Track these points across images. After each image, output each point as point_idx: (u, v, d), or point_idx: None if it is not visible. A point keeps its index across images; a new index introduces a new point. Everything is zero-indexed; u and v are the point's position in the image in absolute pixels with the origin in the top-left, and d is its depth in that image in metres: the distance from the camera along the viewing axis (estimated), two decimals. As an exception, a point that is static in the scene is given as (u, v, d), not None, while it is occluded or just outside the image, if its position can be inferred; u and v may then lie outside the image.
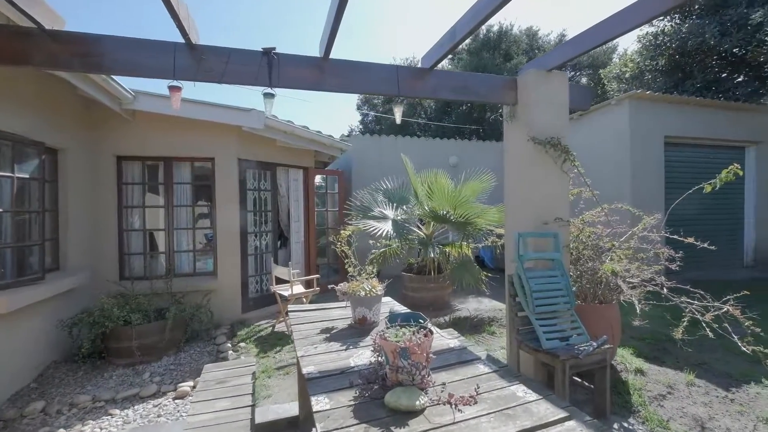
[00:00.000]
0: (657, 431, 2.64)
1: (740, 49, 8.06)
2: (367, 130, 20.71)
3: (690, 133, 7.48)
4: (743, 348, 2.51)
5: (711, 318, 2.76)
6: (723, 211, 8.28)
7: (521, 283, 3.07)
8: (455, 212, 5.66)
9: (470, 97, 3.49)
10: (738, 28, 7.52)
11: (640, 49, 9.49)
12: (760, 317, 3.10)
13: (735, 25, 7.58)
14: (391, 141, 9.63)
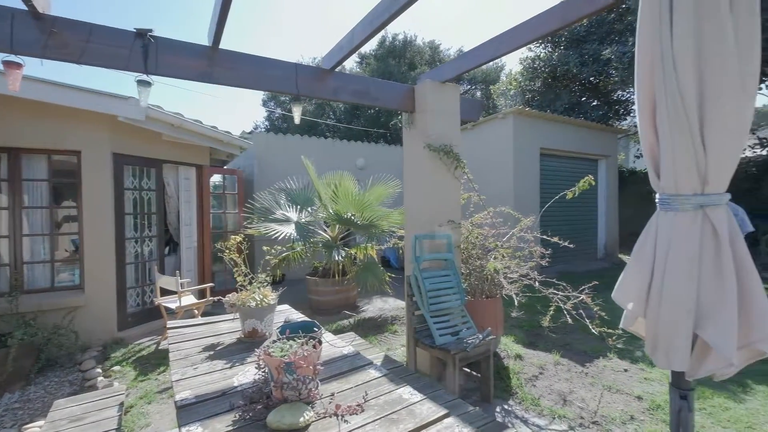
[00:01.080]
0: (530, 408, 2.99)
1: (595, 78, 9.72)
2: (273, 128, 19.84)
3: (559, 146, 8.73)
4: (592, 329, 2.99)
5: (571, 306, 3.24)
6: (583, 213, 9.86)
7: (417, 283, 3.21)
8: (361, 215, 5.71)
9: (371, 101, 3.54)
10: (593, 61, 9.09)
11: (522, 70, 10.88)
12: (605, 303, 3.76)
13: (591, 58, 9.14)
14: (297, 141, 9.35)
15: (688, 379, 1.20)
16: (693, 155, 1.07)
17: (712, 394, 2.96)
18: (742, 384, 3.13)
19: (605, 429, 2.67)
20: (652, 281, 1.20)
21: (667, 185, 1.14)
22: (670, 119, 1.08)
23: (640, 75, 1.18)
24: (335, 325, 5.22)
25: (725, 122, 1.03)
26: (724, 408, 2.76)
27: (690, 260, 1.10)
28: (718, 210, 1.08)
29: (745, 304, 1.07)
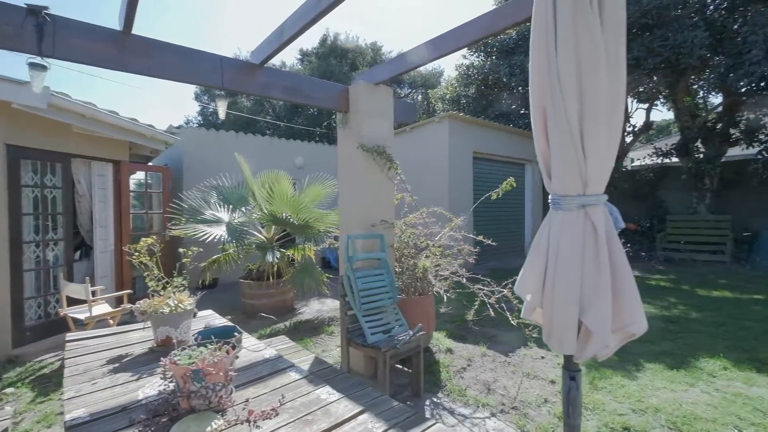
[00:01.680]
0: (457, 399, 3.13)
1: (523, 88, 10.47)
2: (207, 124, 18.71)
3: (491, 150, 9.27)
4: (512, 321, 3.22)
5: (495, 300, 3.46)
6: (512, 214, 10.57)
7: (349, 283, 3.22)
8: (297, 216, 5.58)
9: (303, 99, 3.48)
10: (521, 71, 9.78)
11: (457, 76, 11.41)
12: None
13: (519, 68, 9.84)
14: (232, 137, 8.91)
15: (576, 361, 1.34)
16: (576, 161, 1.19)
17: (612, 374, 3.32)
18: (636, 363, 3.55)
19: (523, 413, 2.88)
20: (547, 274, 1.31)
21: (557, 187, 1.26)
22: (558, 128, 1.19)
23: (533, 84, 1.29)
24: (269, 329, 5.05)
25: (599, 132, 1.17)
26: (620, 386, 3.12)
27: (575, 254, 1.22)
28: (597, 209, 1.22)
29: (618, 292, 1.21)
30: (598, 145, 1.17)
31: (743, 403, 2.77)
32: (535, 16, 1.30)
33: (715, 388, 3.02)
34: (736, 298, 5.66)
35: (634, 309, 1.22)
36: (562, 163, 1.22)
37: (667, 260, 8.97)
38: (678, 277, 7.30)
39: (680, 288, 6.45)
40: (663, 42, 7.38)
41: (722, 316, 4.77)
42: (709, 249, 8.74)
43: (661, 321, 4.70)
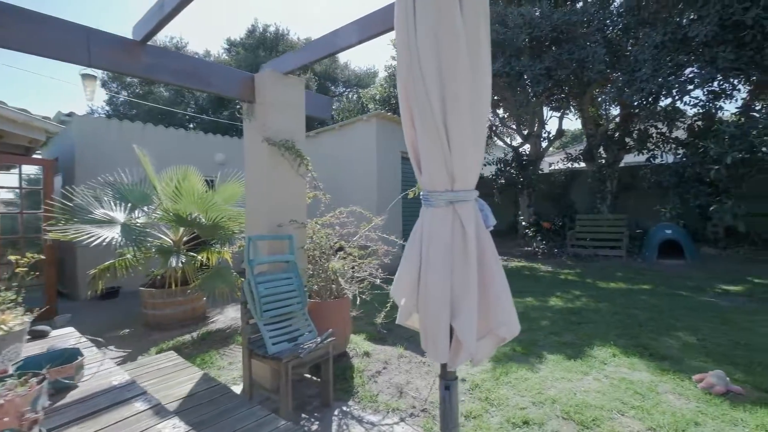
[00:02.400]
0: (368, 406, 3.01)
1: None
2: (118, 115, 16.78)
3: (419, 151, 9.41)
4: (423, 322, 3.17)
5: (408, 301, 3.39)
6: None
7: (250, 289, 2.94)
8: (206, 215, 5.10)
9: (201, 86, 3.12)
10: (446, 75, 10.07)
11: (386, 77, 11.47)
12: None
13: (445, 72, 10.12)
14: (139, 129, 8.00)
15: (450, 370, 1.24)
16: (442, 155, 1.09)
17: (517, 368, 3.44)
18: (539, 355, 3.72)
19: (431, 415, 2.83)
20: (420, 276, 1.20)
21: (426, 182, 1.15)
22: (423, 120, 1.09)
23: (400, 75, 1.18)
24: (173, 342, 4.54)
25: (463, 126, 1.08)
26: (524, 379, 3.22)
27: (444, 254, 1.12)
28: (465, 206, 1.13)
29: (487, 294, 1.13)
30: (463, 139, 1.09)
31: (626, 387, 3.00)
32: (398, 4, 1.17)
33: (605, 375, 3.25)
34: (628, 289, 6.30)
35: (504, 311, 1.15)
36: (429, 157, 1.11)
37: (575, 256, 9.80)
38: (583, 271, 7.99)
39: (584, 281, 7.04)
40: (570, 56, 8.06)
41: (616, 306, 5.25)
42: (609, 245, 9.72)
43: (566, 313, 5.04)
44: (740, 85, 7.57)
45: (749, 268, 7.51)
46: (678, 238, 8.46)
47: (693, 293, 5.89)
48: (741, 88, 7.77)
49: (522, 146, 12.93)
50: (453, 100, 1.06)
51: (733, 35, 6.48)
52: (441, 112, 1.07)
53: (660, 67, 6.95)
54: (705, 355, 3.64)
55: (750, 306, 5.15)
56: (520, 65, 8.22)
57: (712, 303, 5.31)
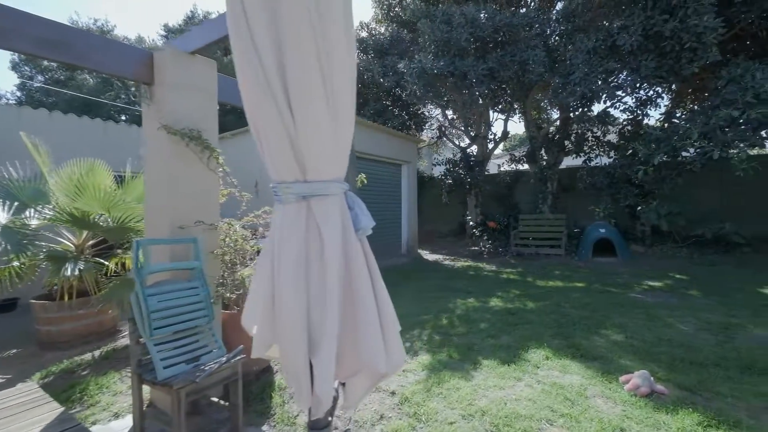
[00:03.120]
0: (284, 430, 2.67)
1: (397, 89, 10.67)
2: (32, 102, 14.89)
3: (368, 149, 9.14)
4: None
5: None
6: (389, 213, 10.67)
7: (138, 302, 2.48)
8: (110, 215, 4.46)
9: (74, 59, 2.60)
10: (394, 73, 9.91)
11: None
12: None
13: (390, 69, 9.95)
14: (44, 118, 7.00)
15: (315, 417, 0.95)
16: (285, 132, 0.79)
17: (450, 376, 3.25)
18: (474, 361, 3.57)
19: (354, 437, 2.55)
20: (275, 296, 0.89)
21: (272, 169, 0.85)
22: (259, 89, 0.78)
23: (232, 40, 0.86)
24: (67, 364, 3.91)
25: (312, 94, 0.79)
26: (456, 389, 3.04)
27: (297, 266, 0.83)
28: (324, 202, 0.84)
29: (355, 319, 0.85)
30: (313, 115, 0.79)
31: (557, 393, 2.90)
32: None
33: (537, 380, 3.15)
34: (564, 287, 6.44)
35: (382, 340, 0.88)
36: (269, 135, 0.81)
37: (518, 255, 10.03)
38: (524, 270, 8.14)
39: (525, 280, 7.14)
40: (512, 57, 8.20)
41: (551, 305, 5.30)
42: (550, 244, 10.05)
43: (504, 314, 4.99)
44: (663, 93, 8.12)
45: (671, 264, 8.04)
46: (611, 236, 8.90)
47: (622, 290, 6.13)
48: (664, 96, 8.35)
49: (470, 147, 13.11)
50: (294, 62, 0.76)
51: (655, 45, 6.87)
52: (278, 77, 0.77)
53: (592, 71, 7.24)
54: (632, 353, 3.68)
55: (671, 301, 5.42)
56: (464, 65, 8.22)
57: (638, 299, 5.53)
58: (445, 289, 6.51)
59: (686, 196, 9.68)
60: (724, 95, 6.51)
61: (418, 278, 7.58)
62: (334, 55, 0.79)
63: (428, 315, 5.09)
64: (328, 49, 0.79)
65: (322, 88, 0.78)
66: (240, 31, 0.79)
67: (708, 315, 4.73)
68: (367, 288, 0.87)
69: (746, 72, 6.36)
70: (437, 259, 10.30)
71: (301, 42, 0.77)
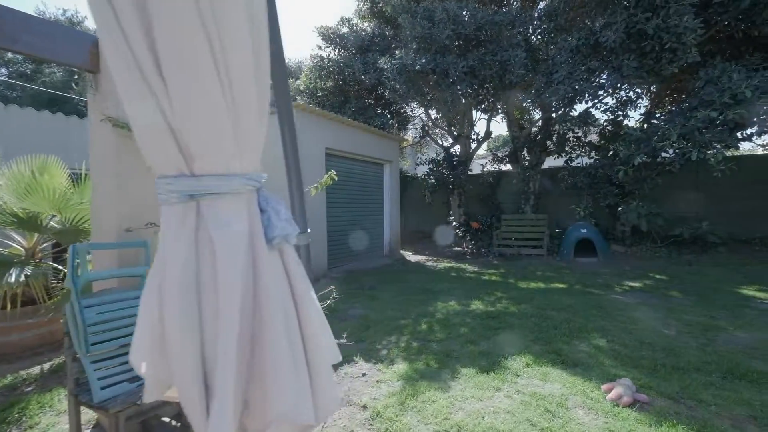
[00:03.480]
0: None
1: (378, 87, 10.45)
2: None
3: (347, 148, 8.91)
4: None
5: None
6: (370, 214, 10.47)
7: (74, 315, 2.21)
8: (63, 216, 4.13)
9: (8, 44, 2.31)
10: (374, 69, 9.70)
11: (311, 66, 10.79)
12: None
13: (372, 66, 9.75)
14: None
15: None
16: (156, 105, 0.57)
17: (426, 387, 3.07)
18: (453, 370, 3.40)
19: (318, 458, 2.34)
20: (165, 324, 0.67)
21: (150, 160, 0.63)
22: (112, 42, 0.56)
23: None
24: (10, 379, 3.56)
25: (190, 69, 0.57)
26: (432, 401, 2.85)
27: (184, 291, 0.61)
28: (220, 204, 0.63)
29: (262, 357, 0.64)
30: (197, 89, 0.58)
31: (537, 404, 2.75)
32: None
33: (516, 390, 2.99)
34: (546, 288, 6.36)
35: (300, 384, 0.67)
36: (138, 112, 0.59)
37: (501, 255, 9.96)
38: (507, 271, 8.05)
39: (507, 282, 7.04)
40: (493, 56, 8.11)
41: (533, 308, 5.18)
42: (532, 244, 10.02)
43: (485, 317, 4.84)
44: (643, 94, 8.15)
45: (650, 264, 8.07)
46: (592, 237, 8.90)
47: (603, 291, 6.08)
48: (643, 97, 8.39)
49: (453, 147, 13.01)
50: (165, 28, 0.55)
51: (636, 44, 6.87)
52: (144, 43, 0.55)
53: (574, 71, 7.19)
54: (614, 358, 3.57)
55: (652, 302, 5.38)
56: (446, 62, 8.08)
57: (619, 301, 5.47)
58: (426, 292, 6.34)
59: (664, 196, 9.79)
60: (701, 96, 6.54)
61: (399, 280, 7.40)
62: (227, 28, 0.58)
63: (407, 319, 4.91)
64: (218, 18, 0.58)
65: (209, 58, 0.56)
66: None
67: (688, 316, 4.69)
68: (283, 317, 0.66)
69: (723, 73, 6.40)
70: (420, 260, 10.15)
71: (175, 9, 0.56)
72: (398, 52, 8.73)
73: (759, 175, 9.11)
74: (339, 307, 5.57)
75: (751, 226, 9.43)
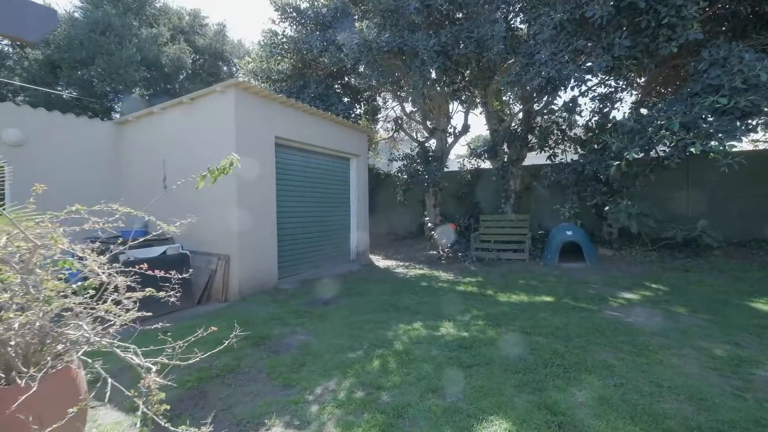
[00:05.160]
0: None
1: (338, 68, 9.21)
2: None
3: (304, 138, 7.72)
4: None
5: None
6: (339, 213, 9.31)
7: None
8: None
9: None
10: (336, 48, 8.51)
11: (262, 43, 9.45)
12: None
13: (332, 44, 8.55)
14: None
15: None
16: None
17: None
18: (403, 447, 2.30)
19: None
20: None
21: None
22: None
23: None
24: None
25: None
26: None
27: None
28: None
29: None
30: None
31: None
32: None
33: (495, 492, 1.92)
34: (530, 303, 5.37)
35: None
36: None
37: (479, 260, 8.99)
38: (485, 280, 7.05)
39: (484, 293, 6.02)
40: (469, 34, 7.11)
41: (516, 333, 4.17)
42: (513, 248, 9.09)
43: (456, 348, 3.78)
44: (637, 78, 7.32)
45: (642, 270, 7.24)
46: (578, 239, 8.02)
47: (596, 305, 5.14)
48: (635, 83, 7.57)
49: (428, 141, 12.00)
50: None
51: (628, 20, 5.98)
52: None
53: (559, 50, 6.27)
54: (627, 416, 2.56)
55: (655, 321, 4.45)
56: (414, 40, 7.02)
57: (618, 320, 4.52)
58: (388, 309, 5.25)
59: (652, 195, 9.04)
60: (705, 80, 5.68)
61: (360, 293, 6.29)
62: None
63: (358, 351, 3.81)
64: None
65: None
66: None
67: (707, 343, 3.76)
68: None
69: (730, 54, 5.55)
70: (390, 265, 9.06)
71: None
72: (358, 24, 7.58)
73: (754, 173, 8.43)
74: (275, 332, 4.43)
75: (746, 227, 8.77)
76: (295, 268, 7.76)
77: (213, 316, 5.28)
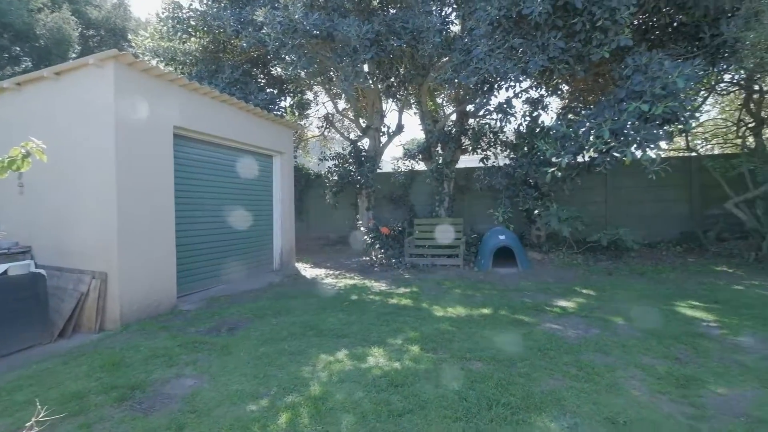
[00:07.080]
0: None
1: (256, 50, 8.08)
2: None
3: (212, 130, 6.56)
4: None
5: None
6: (261, 217, 8.22)
7: None
8: None
9: None
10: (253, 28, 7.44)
11: (160, 15, 7.99)
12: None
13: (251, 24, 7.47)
14: None
15: None
16: None
17: None
18: None
19: None
20: None
21: None
22: None
23: None
24: None
25: None
26: None
27: None
28: None
29: None
30: None
31: None
32: None
33: None
34: (468, 318, 4.92)
35: None
36: None
37: (413, 266, 8.53)
38: (419, 289, 6.54)
39: (419, 307, 5.47)
40: (404, 24, 6.60)
41: (454, 360, 3.62)
42: (447, 253, 8.77)
43: (386, 387, 3.11)
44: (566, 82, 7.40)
45: (570, 275, 7.29)
46: (511, 244, 7.91)
47: (534, 317, 4.84)
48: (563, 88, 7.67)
49: (361, 140, 11.34)
50: None
51: (564, 21, 5.88)
52: None
53: (496, 47, 5.99)
54: (591, 476, 2.07)
55: (594, 333, 4.23)
56: (345, 24, 6.30)
57: (558, 335, 4.21)
58: (309, 333, 4.43)
59: (574, 199, 9.31)
60: (630, 87, 5.73)
61: (278, 312, 5.37)
62: None
63: (262, 400, 2.96)
64: None
65: None
66: None
67: (649, 359, 3.54)
68: None
69: (651, 60, 5.65)
70: (318, 275, 8.19)
71: None
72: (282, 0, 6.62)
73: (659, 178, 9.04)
74: (155, 376, 3.39)
75: (655, 230, 9.41)
76: (201, 284, 6.58)
77: (76, 355, 4.04)
